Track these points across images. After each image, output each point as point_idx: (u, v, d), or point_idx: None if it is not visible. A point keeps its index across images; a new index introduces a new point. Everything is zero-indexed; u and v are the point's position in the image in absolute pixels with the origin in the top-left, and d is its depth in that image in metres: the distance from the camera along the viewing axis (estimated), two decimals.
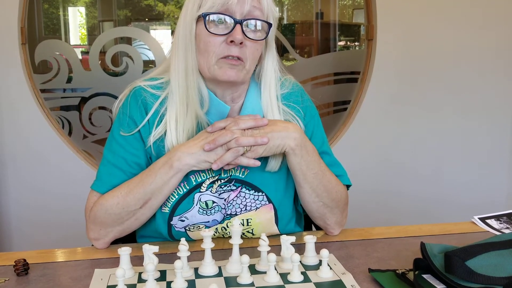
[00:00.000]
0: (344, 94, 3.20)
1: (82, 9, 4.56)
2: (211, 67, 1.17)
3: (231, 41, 1.14)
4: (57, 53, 2.88)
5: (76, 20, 4.49)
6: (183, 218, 1.24)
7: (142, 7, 4.31)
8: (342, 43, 3.97)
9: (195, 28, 1.18)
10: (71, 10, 4.41)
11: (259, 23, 1.17)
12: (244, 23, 1.15)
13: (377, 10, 2.83)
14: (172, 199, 1.23)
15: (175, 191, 1.22)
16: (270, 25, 1.19)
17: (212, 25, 1.15)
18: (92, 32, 4.32)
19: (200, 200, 1.23)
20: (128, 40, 3.12)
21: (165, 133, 1.23)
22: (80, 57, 3.09)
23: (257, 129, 1.18)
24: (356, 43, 3.90)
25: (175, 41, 1.22)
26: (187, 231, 1.26)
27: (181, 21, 1.21)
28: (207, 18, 1.15)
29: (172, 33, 4.05)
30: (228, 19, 1.15)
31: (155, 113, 1.24)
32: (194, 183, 1.23)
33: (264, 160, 1.25)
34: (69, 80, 2.93)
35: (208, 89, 1.23)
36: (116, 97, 1.31)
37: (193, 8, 1.17)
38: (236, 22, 1.14)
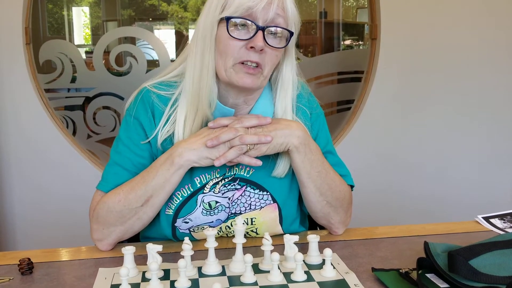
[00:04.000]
0: (348, 94, 3.20)
1: (86, 9, 4.57)
2: (228, 70, 1.16)
3: (251, 47, 1.13)
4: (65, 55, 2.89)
5: (80, 20, 4.50)
6: (187, 220, 1.24)
7: (146, 7, 4.31)
8: (348, 42, 3.97)
9: (216, 29, 1.16)
10: (75, 10, 4.42)
11: (281, 30, 1.15)
12: (266, 29, 1.13)
13: (380, 9, 2.82)
14: (176, 201, 1.23)
15: (179, 193, 1.22)
16: (291, 33, 1.18)
17: (234, 29, 1.14)
18: (96, 32, 4.34)
19: (203, 201, 1.23)
20: (132, 40, 3.13)
21: (173, 134, 1.22)
22: (84, 57, 3.10)
23: (260, 128, 1.18)
24: (360, 42, 3.90)
25: (194, 41, 1.20)
26: (191, 232, 1.26)
27: (202, 22, 1.19)
28: (230, 21, 1.13)
29: (176, 33, 4.05)
30: (250, 24, 1.13)
31: (162, 114, 1.24)
32: (199, 185, 1.23)
33: (271, 161, 1.25)
34: (73, 80, 2.94)
35: (219, 91, 1.22)
36: (120, 97, 1.31)
37: (216, 9, 1.15)
38: (259, 28, 1.12)
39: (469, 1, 2.90)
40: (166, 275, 1.06)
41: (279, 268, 1.04)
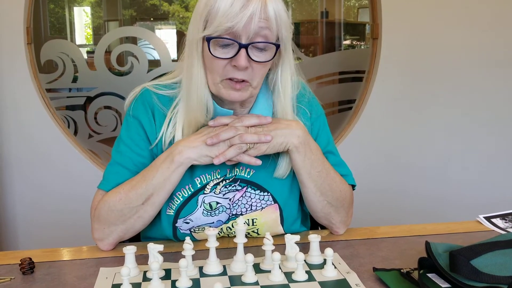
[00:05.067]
0: (349, 93, 3.19)
1: (88, 9, 4.58)
2: (216, 85, 1.15)
3: (235, 65, 1.11)
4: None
5: (82, 19, 4.51)
6: (187, 221, 1.24)
7: (147, 6, 4.32)
8: (349, 41, 3.97)
9: (202, 46, 1.14)
10: (76, 10, 4.43)
11: (265, 45, 1.12)
12: (250, 46, 1.10)
13: (382, 9, 2.82)
14: (177, 201, 1.23)
15: (180, 194, 1.22)
16: (278, 46, 1.14)
17: (217, 48, 1.11)
18: (98, 32, 4.34)
19: (204, 202, 1.23)
20: (133, 40, 3.13)
21: (174, 137, 1.22)
22: (85, 56, 3.10)
23: (260, 127, 1.17)
24: (361, 42, 3.90)
25: (186, 49, 1.19)
26: (192, 233, 1.26)
27: (189, 34, 1.17)
28: (211, 41, 1.11)
29: (177, 32, 4.06)
30: (232, 42, 1.10)
31: (163, 116, 1.24)
32: (199, 185, 1.23)
33: (272, 162, 1.25)
34: (75, 79, 2.94)
35: (214, 98, 1.21)
36: (121, 97, 1.31)
37: (198, 28, 1.13)
38: (241, 47, 1.09)
39: (470, 0, 2.90)
40: (167, 274, 1.06)
41: (280, 268, 1.04)
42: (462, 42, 2.92)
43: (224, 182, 1.23)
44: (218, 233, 1.27)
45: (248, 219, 1.25)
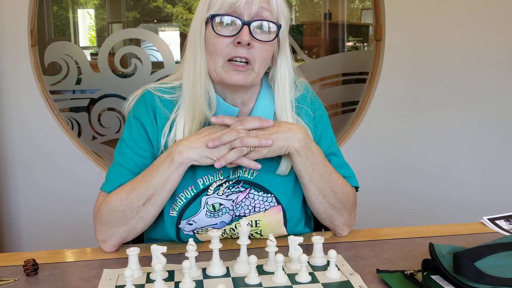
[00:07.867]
0: (353, 95, 3.19)
1: (91, 11, 4.59)
2: (218, 69, 1.17)
3: (238, 43, 1.13)
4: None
5: (85, 22, 4.52)
6: (191, 222, 1.24)
7: (150, 8, 4.33)
8: (352, 43, 3.97)
9: (205, 30, 1.18)
10: (80, 12, 4.44)
11: (267, 24, 1.16)
12: (252, 24, 1.14)
13: (385, 10, 2.82)
14: (180, 203, 1.23)
15: (183, 195, 1.23)
16: (279, 26, 1.18)
17: (220, 27, 1.15)
18: (101, 34, 4.36)
19: (207, 203, 1.23)
20: (136, 42, 3.14)
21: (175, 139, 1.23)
22: (89, 58, 3.11)
23: (261, 130, 1.17)
24: (365, 43, 3.90)
25: (188, 44, 1.22)
26: (195, 234, 1.26)
27: (193, 24, 1.21)
28: (214, 19, 1.14)
29: (181, 34, 4.07)
30: (235, 20, 1.14)
31: (165, 118, 1.24)
32: (202, 186, 1.23)
33: (275, 163, 1.25)
34: (78, 81, 2.95)
35: (216, 92, 1.23)
36: (125, 99, 1.31)
37: (202, 9, 1.17)
38: (244, 24, 1.13)
39: (473, 2, 2.90)
40: (170, 276, 1.06)
41: (283, 270, 1.04)
42: (465, 44, 2.91)
43: (227, 184, 1.23)
44: (222, 234, 1.27)
45: (252, 221, 1.25)
